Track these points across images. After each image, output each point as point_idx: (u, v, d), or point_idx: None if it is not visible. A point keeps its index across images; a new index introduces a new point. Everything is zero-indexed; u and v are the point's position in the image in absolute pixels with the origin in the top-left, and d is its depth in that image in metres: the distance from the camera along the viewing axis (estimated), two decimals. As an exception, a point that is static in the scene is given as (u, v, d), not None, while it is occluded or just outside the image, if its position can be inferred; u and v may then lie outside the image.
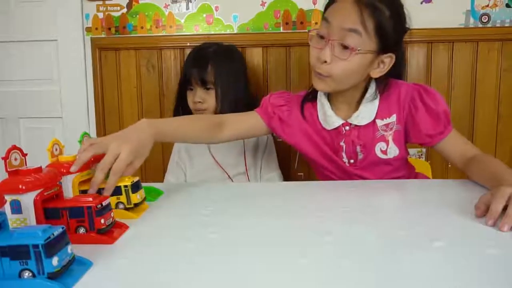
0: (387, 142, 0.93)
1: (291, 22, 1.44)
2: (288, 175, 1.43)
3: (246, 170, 1.27)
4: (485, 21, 1.37)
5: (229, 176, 1.27)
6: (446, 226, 0.60)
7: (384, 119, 0.93)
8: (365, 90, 0.93)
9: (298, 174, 1.55)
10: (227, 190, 0.89)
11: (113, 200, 0.65)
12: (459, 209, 0.69)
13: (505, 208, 0.59)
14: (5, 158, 0.53)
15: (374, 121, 0.92)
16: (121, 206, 0.67)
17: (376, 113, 0.92)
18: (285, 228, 0.60)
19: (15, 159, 0.54)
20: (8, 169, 0.53)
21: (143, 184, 0.87)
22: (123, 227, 0.60)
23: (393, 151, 0.92)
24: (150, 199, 0.76)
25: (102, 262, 0.49)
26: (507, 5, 1.36)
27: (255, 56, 1.47)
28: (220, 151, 1.28)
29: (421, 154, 1.42)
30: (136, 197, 0.67)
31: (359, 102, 0.93)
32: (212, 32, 1.47)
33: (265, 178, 1.28)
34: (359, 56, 0.83)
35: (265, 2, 1.44)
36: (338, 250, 0.51)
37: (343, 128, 0.94)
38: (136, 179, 0.69)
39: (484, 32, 1.38)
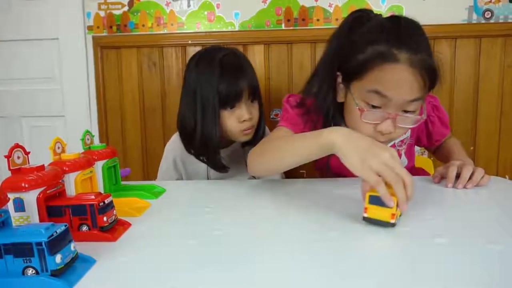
0: (399, 156, 0.93)
1: (293, 19, 1.44)
2: (290, 172, 1.43)
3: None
4: (488, 16, 1.37)
5: None
6: (448, 222, 0.59)
7: (402, 136, 0.91)
8: None
9: (300, 171, 1.54)
10: (229, 187, 0.88)
11: None
12: (460, 205, 0.69)
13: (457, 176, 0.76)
14: (8, 157, 0.53)
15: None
16: None
17: None
18: (288, 225, 0.60)
19: (18, 157, 0.54)
20: (11, 167, 0.53)
21: (146, 183, 0.87)
22: (125, 225, 0.60)
23: (403, 163, 0.93)
24: (152, 197, 0.76)
25: (105, 259, 0.49)
26: (510, 1, 1.35)
27: (256, 54, 1.46)
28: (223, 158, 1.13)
29: (424, 151, 1.42)
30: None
31: None
32: (214, 30, 1.47)
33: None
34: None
35: (267, -1, 1.44)
36: (341, 246, 0.51)
37: None
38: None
39: (487, 28, 1.37)
